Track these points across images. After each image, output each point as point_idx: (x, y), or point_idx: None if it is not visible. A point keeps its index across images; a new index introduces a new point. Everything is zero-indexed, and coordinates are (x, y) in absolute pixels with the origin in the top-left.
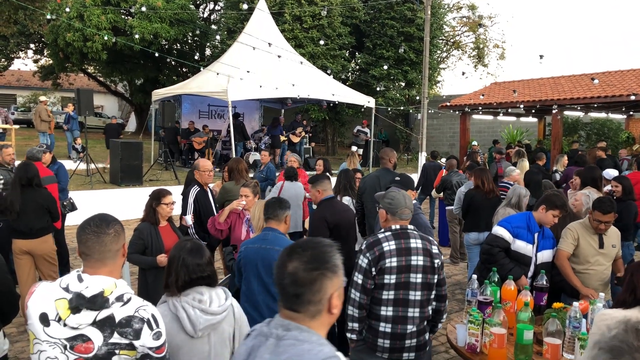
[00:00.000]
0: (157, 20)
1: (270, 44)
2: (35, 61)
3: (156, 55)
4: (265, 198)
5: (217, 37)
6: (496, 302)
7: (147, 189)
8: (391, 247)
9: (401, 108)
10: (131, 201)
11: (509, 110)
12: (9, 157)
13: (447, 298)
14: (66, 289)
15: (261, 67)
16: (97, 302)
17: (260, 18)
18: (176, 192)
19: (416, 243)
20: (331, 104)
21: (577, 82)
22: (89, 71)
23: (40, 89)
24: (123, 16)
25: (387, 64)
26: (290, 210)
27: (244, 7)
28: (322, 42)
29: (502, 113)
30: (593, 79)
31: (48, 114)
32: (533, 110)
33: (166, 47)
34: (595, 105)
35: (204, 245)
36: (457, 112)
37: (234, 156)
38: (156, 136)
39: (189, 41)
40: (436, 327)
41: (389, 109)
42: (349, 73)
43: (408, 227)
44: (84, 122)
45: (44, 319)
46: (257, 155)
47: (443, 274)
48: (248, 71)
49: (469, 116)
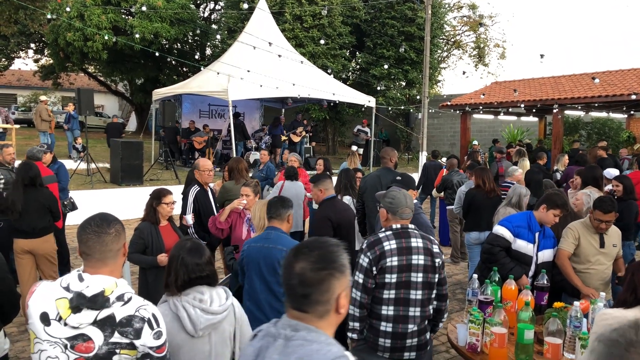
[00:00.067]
0: (158, 19)
1: (270, 44)
2: (35, 61)
3: (157, 54)
4: (264, 197)
5: (218, 37)
6: (497, 302)
7: (148, 189)
8: (392, 246)
9: (402, 107)
10: (131, 201)
11: (510, 109)
12: (10, 157)
13: (448, 297)
14: (67, 289)
15: (262, 67)
16: (98, 302)
17: (260, 17)
18: (177, 192)
19: (417, 242)
20: (332, 104)
21: (578, 82)
22: (90, 71)
23: (40, 89)
24: (123, 16)
25: (388, 64)
26: (292, 209)
27: (245, 7)
28: (323, 42)
29: (503, 112)
30: (594, 79)
31: (48, 114)
32: (534, 109)
33: (167, 47)
34: (596, 104)
35: (204, 244)
36: (458, 112)
37: (235, 156)
38: (156, 136)
39: (190, 41)
40: (437, 327)
41: (390, 109)
42: (350, 72)
43: (409, 226)
44: (85, 122)
45: (45, 319)
46: (258, 154)
47: (444, 273)
48: (248, 71)
49: (470, 115)
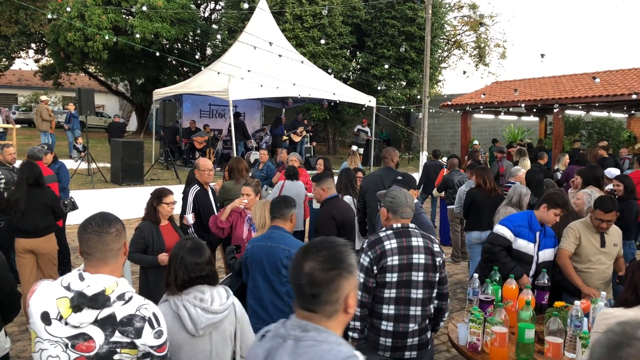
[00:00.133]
0: (158, 19)
1: (271, 43)
2: (36, 61)
3: (157, 54)
4: (263, 197)
5: (218, 37)
6: (497, 301)
7: (148, 189)
8: (392, 246)
9: (402, 107)
10: (132, 200)
11: (510, 109)
12: (10, 157)
13: (449, 297)
14: (67, 288)
15: (262, 67)
16: (99, 301)
17: (261, 17)
18: (177, 192)
19: (417, 241)
20: (332, 103)
21: (579, 81)
22: (90, 71)
23: (41, 89)
24: (124, 16)
25: (388, 63)
26: (295, 208)
27: (245, 7)
28: (323, 42)
29: (504, 112)
30: (594, 78)
31: (49, 114)
32: (534, 109)
33: (167, 47)
34: (596, 104)
35: (205, 244)
36: (458, 112)
37: (235, 155)
38: (157, 135)
39: (190, 41)
40: (438, 326)
41: (390, 108)
42: (350, 72)
43: (409, 226)
44: (85, 122)
45: (46, 318)
46: (258, 154)
47: (444, 272)
48: (249, 70)
49: (470, 115)
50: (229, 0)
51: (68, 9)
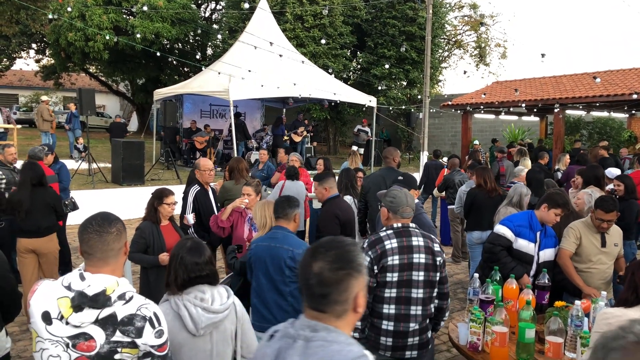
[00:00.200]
0: (159, 19)
1: (271, 43)
2: (37, 61)
3: (158, 54)
4: (262, 198)
5: (219, 37)
6: (498, 301)
7: (149, 189)
8: (393, 245)
9: (403, 107)
10: (133, 200)
11: (511, 109)
12: (11, 157)
13: (449, 296)
14: (68, 288)
15: (263, 67)
16: (99, 301)
17: (261, 17)
18: (178, 192)
19: (418, 241)
20: (332, 103)
21: (579, 81)
22: (91, 71)
23: (42, 89)
24: (125, 16)
25: (389, 63)
26: (299, 208)
27: (246, 7)
28: (324, 42)
29: (504, 112)
30: (595, 78)
31: (50, 114)
32: (535, 109)
33: (168, 47)
34: (597, 104)
35: (205, 244)
36: (459, 111)
37: (236, 155)
38: (158, 135)
39: (191, 41)
40: (439, 326)
41: (391, 108)
42: (351, 72)
43: (410, 225)
44: (86, 122)
45: (47, 318)
46: (258, 154)
47: (445, 272)
48: (249, 70)
49: (471, 115)
50: (230, 0)
51: (69, 9)
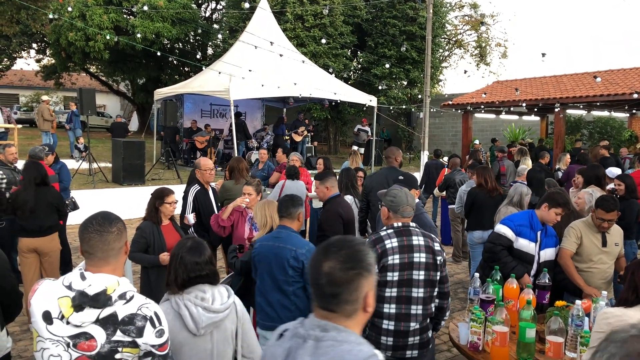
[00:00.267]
0: (159, 19)
1: (272, 43)
2: (37, 61)
3: (158, 54)
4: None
5: (219, 36)
6: (498, 301)
7: (149, 188)
8: (393, 245)
9: (403, 107)
10: (133, 200)
11: (511, 108)
12: (12, 157)
13: (450, 296)
14: (69, 287)
15: (263, 66)
16: (100, 300)
17: (262, 17)
18: (178, 192)
19: (418, 240)
20: (333, 103)
21: (580, 81)
22: (91, 71)
23: (42, 89)
24: (125, 15)
25: (389, 63)
26: (302, 207)
27: (246, 6)
28: (324, 41)
29: (505, 112)
30: (596, 77)
31: (50, 114)
32: (535, 108)
33: (168, 47)
34: (597, 103)
35: (205, 243)
36: (459, 111)
37: (236, 155)
38: (158, 135)
39: (191, 40)
40: (439, 325)
41: (391, 108)
42: (351, 72)
43: (410, 224)
44: (87, 122)
45: (47, 317)
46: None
47: (445, 271)
48: (250, 70)
49: (471, 115)
50: (230, 0)
51: (69, 9)
